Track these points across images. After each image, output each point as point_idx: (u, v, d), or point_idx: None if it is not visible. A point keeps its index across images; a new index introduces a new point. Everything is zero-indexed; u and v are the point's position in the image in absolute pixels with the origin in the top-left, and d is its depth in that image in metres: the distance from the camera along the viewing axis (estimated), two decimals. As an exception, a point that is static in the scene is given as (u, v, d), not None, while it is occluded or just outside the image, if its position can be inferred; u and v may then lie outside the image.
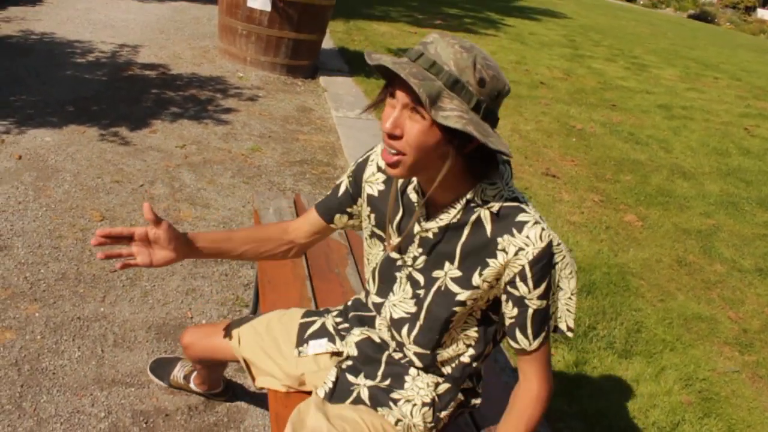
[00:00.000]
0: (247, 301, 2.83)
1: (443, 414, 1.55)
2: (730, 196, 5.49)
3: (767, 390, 3.06)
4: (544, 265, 1.32)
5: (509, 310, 1.38)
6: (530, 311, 1.36)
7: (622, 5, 26.50)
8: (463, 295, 1.40)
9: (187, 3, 8.55)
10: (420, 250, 1.44)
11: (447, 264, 1.41)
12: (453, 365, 1.54)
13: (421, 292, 1.46)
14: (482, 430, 1.76)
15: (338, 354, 1.67)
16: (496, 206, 1.34)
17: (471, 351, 1.51)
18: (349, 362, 1.62)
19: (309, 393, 1.67)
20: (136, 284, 2.79)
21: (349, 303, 1.74)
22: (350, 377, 1.60)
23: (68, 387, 2.20)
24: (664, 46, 14.33)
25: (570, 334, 1.43)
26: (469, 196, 1.34)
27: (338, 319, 1.72)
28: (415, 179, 1.42)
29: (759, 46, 20.10)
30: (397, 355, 1.56)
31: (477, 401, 1.65)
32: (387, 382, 1.57)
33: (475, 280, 1.37)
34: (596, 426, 2.55)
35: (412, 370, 1.56)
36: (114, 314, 2.58)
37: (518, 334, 1.39)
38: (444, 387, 1.55)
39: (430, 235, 1.41)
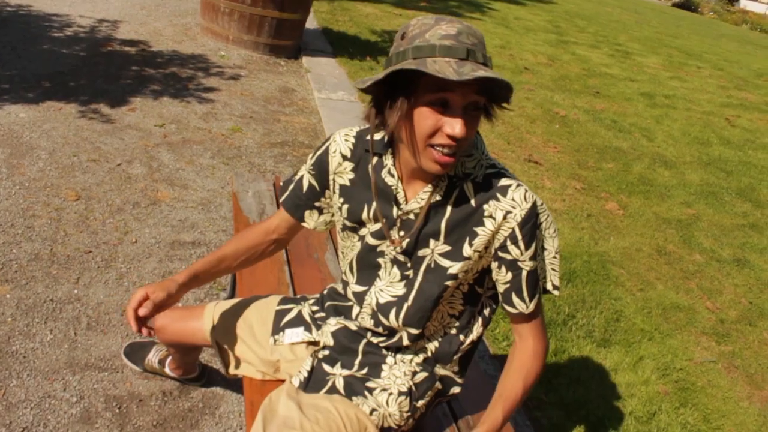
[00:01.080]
0: (225, 285, 2.79)
1: (420, 403, 1.53)
2: (711, 186, 5.51)
3: (742, 380, 3.08)
4: (532, 225, 1.35)
5: (502, 276, 1.40)
6: (524, 273, 1.38)
7: (607, -8, 26.48)
8: (455, 267, 1.40)
9: (169, -22, 8.39)
10: (402, 233, 1.42)
11: (432, 241, 1.40)
12: (439, 338, 1.53)
13: (410, 272, 1.45)
14: (460, 419, 1.75)
15: (315, 343, 1.64)
16: (478, 176, 1.36)
17: (456, 322, 1.51)
18: (326, 352, 1.59)
19: (284, 381, 1.64)
20: (111, 266, 2.74)
21: (325, 292, 1.71)
22: (326, 367, 1.57)
23: (39, 371, 2.15)
24: (648, 34, 14.35)
25: (556, 293, 1.46)
26: (450, 172, 1.35)
27: (315, 308, 1.69)
28: (389, 162, 1.40)
29: (741, 37, 20.21)
30: (375, 339, 1.53)
31: (456, 390, 1.63)
32: (364, 371, 1.54)
33: (466, 251, 1.38)
34: (574, 415, 2.55)
35: (390, 359, 1.54)
36: (88, 296, 2.53)
37: (515, 299, 1.41)
38: (421, 375, 1.53)
39: (411, 216, 1.40)
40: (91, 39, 5.36)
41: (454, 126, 1.21)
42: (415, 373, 1.53)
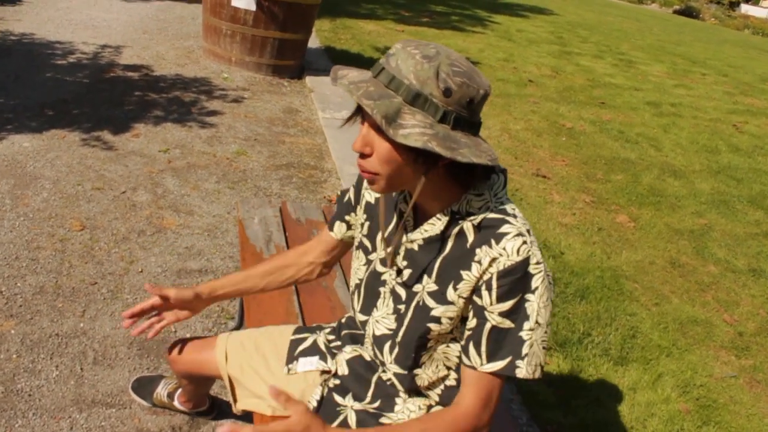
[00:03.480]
0: (233, 314, 2.74)
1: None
2: (722, 195, 5.45)
3: (765, 395, 3.00)
4: (514, 281, 1.22)
5: (469, 322, 1.29)
6: (488, 325, 1.25)
7: (608, 1, 26.53)
8: (437, 310, 1.31)
9: (171, 2, 8.42)
10: (405, 263, 1.37)
11: (425, 278, 1.34)
12: (439, 391, 1.45)
13: (402, 307, 1.38)
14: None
15: (327, 372, 1.60)
16: (479, 218, 1.27)
17: (454, 374, 1.42)
18: (337, 381, 1.55)
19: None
20: (118, 297, 2.69)
21: (343, 320, 1.68)
22: (337, 398, 1.53)
23: (45, 409, 2.10)
24: (650, 42, 14.32)
25: (537, 376, 1.26)
26: (454, 207, 1.28)
27: (330, 337, 1.65)
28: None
29: (743, 42, 20.18)
30: (385, 376, 1.48)
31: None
32: (376, 404, 1.49)
33: (450, 295, 1.29)
34: (594, 438, 2.49)
35: (403, 392, 1.48)
36: (94, 330, 2.49)
37: (471, 349, 1.28)
38: (437, 410, 1.47)
39: (415, 246, 1.35)
40: (94, 65, 5.36)
41: (356, 141, 1.20)
42: (430, 407, 1.48)
